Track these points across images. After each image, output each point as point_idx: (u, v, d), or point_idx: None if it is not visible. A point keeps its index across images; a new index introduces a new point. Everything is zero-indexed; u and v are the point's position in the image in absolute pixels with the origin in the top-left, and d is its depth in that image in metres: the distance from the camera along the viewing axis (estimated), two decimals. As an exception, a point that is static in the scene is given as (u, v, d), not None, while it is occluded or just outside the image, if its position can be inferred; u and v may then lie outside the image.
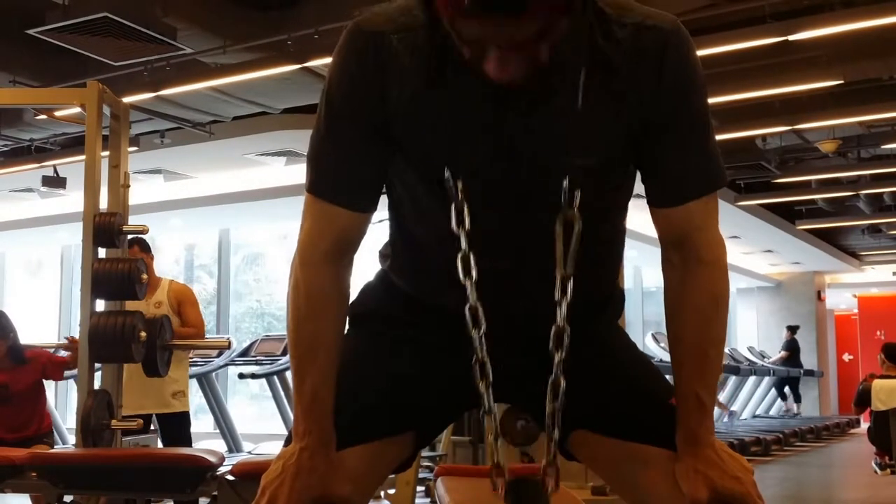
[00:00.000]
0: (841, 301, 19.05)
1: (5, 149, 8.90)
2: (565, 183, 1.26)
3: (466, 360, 1.32)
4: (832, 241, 15.59)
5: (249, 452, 7.60)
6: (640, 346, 1.53)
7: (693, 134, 1.31)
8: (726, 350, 13.21)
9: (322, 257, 1.34)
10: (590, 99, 1.25)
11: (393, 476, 3.98)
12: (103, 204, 4.10)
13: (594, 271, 1.43)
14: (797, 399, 15.61)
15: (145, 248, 4.85)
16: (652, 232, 1.37)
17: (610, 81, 1.25)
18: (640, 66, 1.25)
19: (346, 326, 1.42)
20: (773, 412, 15.56)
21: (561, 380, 1.30)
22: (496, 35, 1.09)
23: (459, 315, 1.31)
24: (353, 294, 1.49)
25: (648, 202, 1.35)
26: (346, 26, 1.32)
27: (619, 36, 1.24)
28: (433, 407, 1.42)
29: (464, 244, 1.28)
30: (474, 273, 1.29)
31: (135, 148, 7.40)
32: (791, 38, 6.03)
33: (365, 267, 1.55)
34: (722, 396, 13.00)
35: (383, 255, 1.53)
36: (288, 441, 1.37)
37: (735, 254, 14.91)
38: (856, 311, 18.41)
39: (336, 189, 1.33)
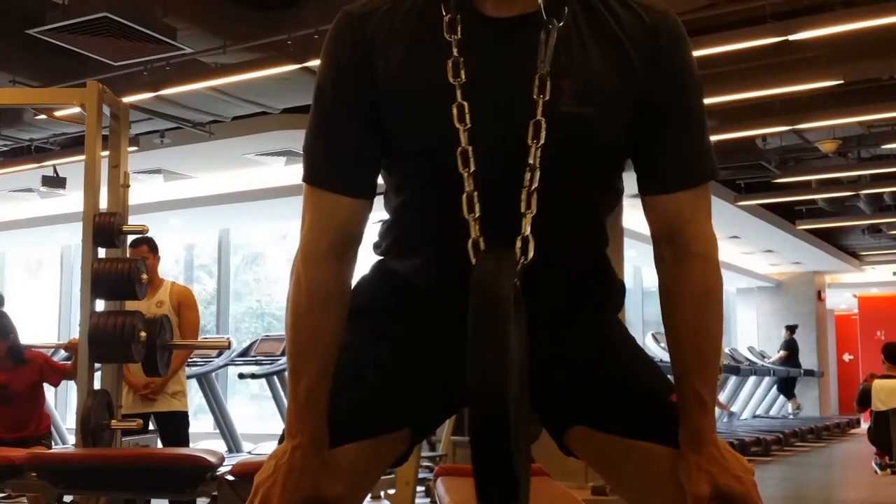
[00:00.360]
0: (841, 301, 19.06)
1: (5, 149, 8.90)
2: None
3: (463, 355, 1.30)
4: (832, 241, 15.59)
5: (249, 452, 7.60)
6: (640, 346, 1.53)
7: (688, 124, 1.34)
8: (726, 350, 13.29)
9: (324, 252, 1.34)
10: (587, 45, 1.29)
11: (393, 476, 3.99)
12: (103, 204, 4.09)
13: (582, 238, 1.42)
14: (788, 397, 15.62)
15: (153, 248, 4.87)
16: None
17: (611, 42, 1.30)
18: (638, 43, 1.30)
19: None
20: (772, 412, 15.57)
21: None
22: None
23: (457, 301, 1.26)
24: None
25: (640, 191, 1.36)
26: (337, 15, 1.35)
27: (617, 11, 1.30)
28: (429, 402, 1.42)
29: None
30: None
31: (135, 148, 7.40)
32: (791, 38, 6.03)
33: (364, 267, 1.55)
34: (722, 396, 13.01)
35: (377, 243, 1.51)
36: (282, 440, 1.36)
37: (735, 254, 14.91)
38: (856, 311, 18.42)
39: (331, 175, 1.34)
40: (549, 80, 1.26)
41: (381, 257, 1.50)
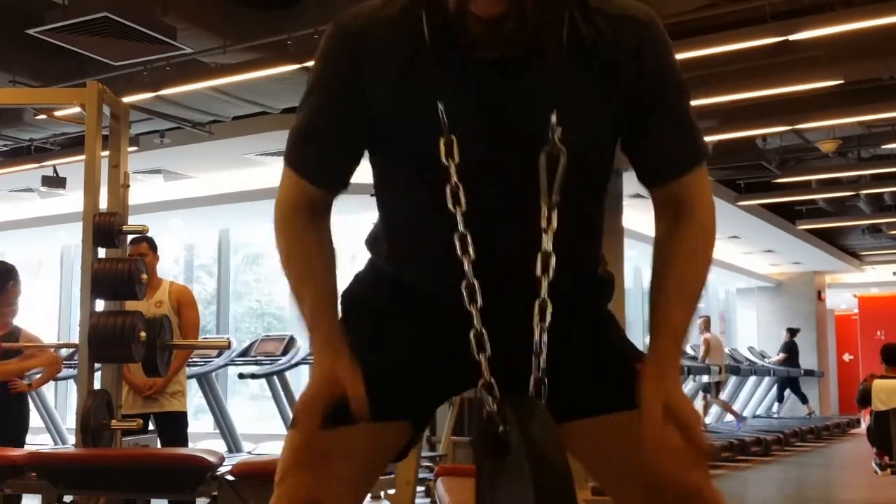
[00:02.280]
0: (841, 301, 19.06)
1: (5, 149, 8.90)
2: (553, 118, 1.31)
3: (456, 345, 1.34)
4: (832, 241, 15.59)
5: (249, 453, 7.60)
6: (640, 347, 1.54)
7: (673, 119, 1.40)
8: (726, 350, 13.27)
9: (300, 214, 1.45)
10: (573, 70, 1.33)
11: (393, 476, 3.98)
12: (103, 204, 4.09)
13: (576, 236, 1.44)
14: (803, 400, 15.58)
15: (153, 246, 4.87)
16: (652, 232, 1.40)
17: (592, 61, 1.33)
18: (620, 53, 1.34)
19: (339, 312, 1.46)
20: (767, 413, 15.56)
21: (548, 303, 1.34)
22: None
23: (449, 301, 1.34)
24: (345, 283, 1.53)
25: (640, 182, 1.43)
26: (328, 26, 1.39)
27: (599, 24, 1.33)
28: (425, 391, 1.46)
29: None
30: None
31: (135, 148, 7.40)
32: (791, 38, 6.03)
33: (358, 266, 1.58)
34: (723, 396, 13.01)
35: (371, 242, 1.55)
36: (293, 424, 1.38)
37: (735, 254, 14.91)
38: (856, 311, 18.42)
39: (309, 168, 1.44)
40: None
41: (373, 257, 1.55)
